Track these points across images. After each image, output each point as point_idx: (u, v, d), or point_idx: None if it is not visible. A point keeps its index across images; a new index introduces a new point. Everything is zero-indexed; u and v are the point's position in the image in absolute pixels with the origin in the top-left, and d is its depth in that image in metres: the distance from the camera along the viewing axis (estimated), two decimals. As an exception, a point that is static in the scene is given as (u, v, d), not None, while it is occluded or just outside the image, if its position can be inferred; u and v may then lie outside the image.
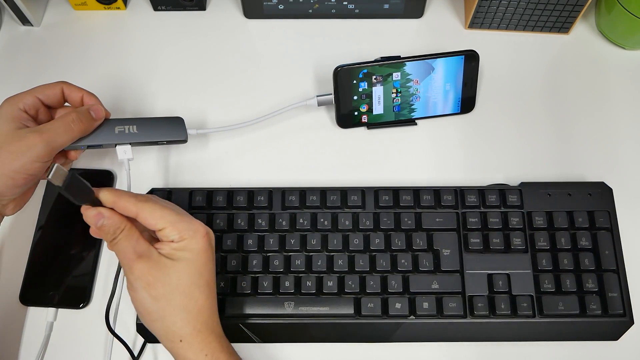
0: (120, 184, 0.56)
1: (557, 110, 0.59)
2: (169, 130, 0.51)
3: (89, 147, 0.49)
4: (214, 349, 0.41)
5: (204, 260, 0.42)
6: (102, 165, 0.56)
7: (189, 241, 0.41)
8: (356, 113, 0.57)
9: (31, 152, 0.42)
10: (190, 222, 0.42)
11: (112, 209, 0.41)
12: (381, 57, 0.55)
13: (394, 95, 0.56)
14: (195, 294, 0.41)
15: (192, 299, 0.41)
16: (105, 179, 0.55)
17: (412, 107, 0.57)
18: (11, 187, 0.43)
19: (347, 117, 0.57)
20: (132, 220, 0.41)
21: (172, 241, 0.41)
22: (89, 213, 0.40)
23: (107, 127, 0.50)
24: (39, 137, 0.42)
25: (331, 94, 0.56)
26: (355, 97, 0.56)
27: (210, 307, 0.42)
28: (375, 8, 0.62)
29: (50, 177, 0.37)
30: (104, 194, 0.41)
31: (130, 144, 0.50)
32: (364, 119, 0.57)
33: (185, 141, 0.52)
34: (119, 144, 0.50)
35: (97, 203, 0.41)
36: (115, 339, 0.48)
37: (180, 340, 0.40)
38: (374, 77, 0.55)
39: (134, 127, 0.50)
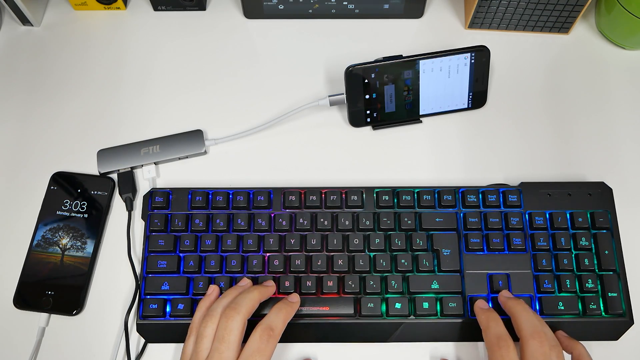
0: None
1: (557, 110, 0.59)
2: (189, 145, 0.55)
3: (119, 172, 0.54)
4: None
5: None
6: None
7: None
8: (368, 112, 0.57)
9: None
10: None
11: None
12: (383, 57, 0.55)
13: (405, 93, 0.56)
14: None
15: None
16: (104, 184, 0.55)
17: (424, 104, 0.57)
18: None
19: (359, 116, 0.57)
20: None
21: None
22: None
23: (134, 150, 0.55)
24: None
25: (343, 94, 0.56)
26: (367, 96, 0.56)
27: None
28: (375, 8, 0.62)
29: None
30: None
31: (154, 163, 0.55)
32: (376, 117, 0.57)
33: (205, 153, 0.56)
34: (145, 164, 0.55)
35: None
36: (114, 341, 0.48)
37: None
38: (385, 75, 0.55)
39: (157, 146, 0.55)
